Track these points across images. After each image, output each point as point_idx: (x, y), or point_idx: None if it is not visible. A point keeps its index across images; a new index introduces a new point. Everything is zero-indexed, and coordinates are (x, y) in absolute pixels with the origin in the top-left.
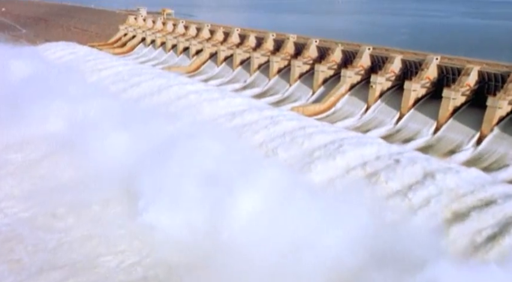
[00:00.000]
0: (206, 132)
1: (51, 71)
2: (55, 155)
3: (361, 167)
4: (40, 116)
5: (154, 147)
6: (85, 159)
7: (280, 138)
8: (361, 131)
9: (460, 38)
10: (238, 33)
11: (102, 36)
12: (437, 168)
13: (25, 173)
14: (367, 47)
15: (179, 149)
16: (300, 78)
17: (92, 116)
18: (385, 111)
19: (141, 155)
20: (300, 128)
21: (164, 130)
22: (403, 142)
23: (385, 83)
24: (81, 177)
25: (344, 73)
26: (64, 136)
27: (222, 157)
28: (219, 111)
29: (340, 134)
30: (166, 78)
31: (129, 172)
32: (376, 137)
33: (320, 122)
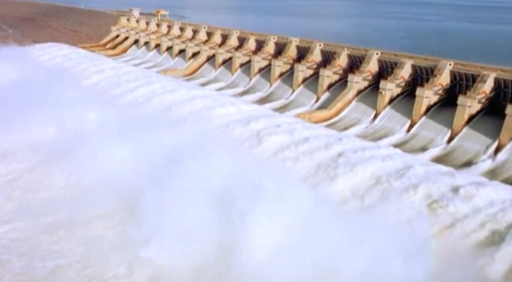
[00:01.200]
0: (213, 143)
1: (41, 74)
2: (44, 167)
3: (383, 179)
4: (28, 123)
5: (156, 159)
6: (79, 173)
7: (291, 148)
8: (370, 139)
9: (459, 42)
10: (237, 35)
11: (93, 37)
12: (464, 181)
13: (9, 188)
14: (375, 52)
15: (185, 162)
16: (303, 83)
17: (86, 124)
18: (395, 119)
19: (142, 169)
20: (312, 137)
21: (167, 140)
22: (416, 151)
23: (394, 89)
24: (74, 194)
25: (351, 78)
26: (55, 146)
27: (233, 172)
28: (224, 118)
29: (355, 143)
30: (165, 82)
31: (129, 189)
32: (388, 145)
33: (332, 130)
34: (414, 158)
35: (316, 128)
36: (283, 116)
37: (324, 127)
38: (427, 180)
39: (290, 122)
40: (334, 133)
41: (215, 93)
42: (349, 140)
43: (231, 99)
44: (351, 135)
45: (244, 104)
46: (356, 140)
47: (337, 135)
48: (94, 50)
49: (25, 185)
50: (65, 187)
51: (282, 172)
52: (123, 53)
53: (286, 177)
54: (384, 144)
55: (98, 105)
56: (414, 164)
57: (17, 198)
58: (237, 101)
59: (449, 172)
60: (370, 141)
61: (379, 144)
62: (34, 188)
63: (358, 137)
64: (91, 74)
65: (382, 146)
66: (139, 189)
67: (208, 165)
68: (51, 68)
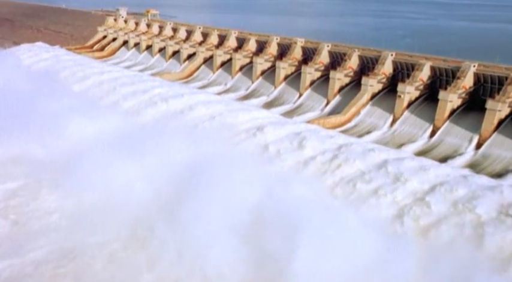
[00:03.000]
0: (233, 157)
1: (27, 79)
2: (38, 186)
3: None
4: (17, 135)
5: (169, 178)
6: (80, 193)
7: (316, 160)
8: (391, 146)
9: (451, 40)
10: (236, 36)
11: (78, 38)
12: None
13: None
14: (390, 53)
15: (203, 182)
16: (311, 86)
17: (82, 136)
18: (415, 124)
19: (154, 189)
20: (337, 148)
21: (180, 153)
22: (442, 160)
23: (413, 92)
24: (74, 217)
25: (365, 81)
26: (50, 161)
27: (260, 193)
28: (235, 127)
29: (389, 153)
30: (165, 87)
31: (138, 213)
32: (410, 153)
33: (357, 138)
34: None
35: (340, 136)
36: (301, 124)
37: (344, 134)
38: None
39: (309, 130)
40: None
41: (222, 99)
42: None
43: (240, 105)
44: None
45: (257, 110)
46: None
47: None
48: (80, 52)
49: (15, 207)
50: (62, 210)
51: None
52: (111, 55)
53: (330, 203)
54: (408, 152)
55: (94, 114)
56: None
57: (4, 220)
58: (247, 107)
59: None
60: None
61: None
62: (25, 210)
63: (376, 143)
64: (82, 79)
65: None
66: (151, 214)
67: (232, 186)
68: (38, 71)
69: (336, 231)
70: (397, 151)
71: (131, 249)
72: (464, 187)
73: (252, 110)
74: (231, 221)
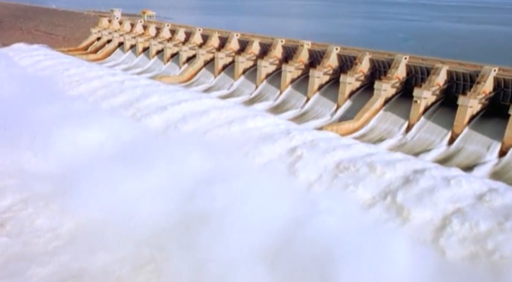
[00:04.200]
0: (250, 170)
1: (18, 83)
2: (33, 203)
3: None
4: (7, 145)
5: (179, 193)
6: (79, 210)
7: (339, 172)
8: (408, 153)
9: (455, 42)
10: (238, 38)
11: (70, 40)
12: None
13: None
14: (404, 57)
15: (219, 199)
16: (319, 90)
17: (83, 144)
18: (432, 130)
19: (162, 206)
20: (360, 157)
21: (195, 167)
22: (464, 168)
23: (430, 97)
24: (73, 237)
25: (378, 86)
26: (45, 175)
27: (285, 212)
28: (249, 134)
29: (418, 163)
30: (169, 91)
31: (144, 233)
32: (430, 161)
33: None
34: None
35: (358, 145)
36: (314, 131)
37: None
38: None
39: (325, 138)
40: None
41: (229, 104)
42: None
43: (250, 111)
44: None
45: (269, 117)
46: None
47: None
48: (74, 54)
49: (11, 227)
50: (53, 232)
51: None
52: (106, 58)
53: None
54: (427, 160)
55: (94, 121)
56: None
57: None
58: (258, 113)
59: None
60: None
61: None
62: (14, 234)
63: (390, 150)
64: (78, 82)
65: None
66: (164, 236)
67: (253, 203)
68: (28, 75)
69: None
70: (423, 161)
71: (142, 274)
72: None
73: (263, 116)
74: (253, 244)
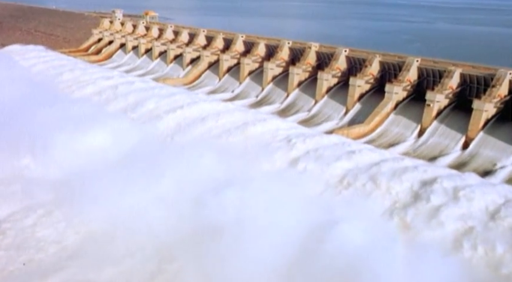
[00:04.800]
0: (265, 177)
1: (19, 85)
2: (35, 212)
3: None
4: (8, 150)
5: (191, 201)
6: (84, 220)
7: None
8: (421, 158)
9: (461, 45)
10: (243, 40)
11: (71, 41)
12: None
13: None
14: (415, 59)
15: (233, 208)
16: (327, 93)
17: (89, 149)
18: (445, 134)
19: (173, 215)
20: (380, 161)
21: (207, 173)
22: (482, 174)
23: (443, 101)
24: (78, 249)
25: (389, 89)
26: (49, 183)
27: (304, 223)
28: (257, 139)
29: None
30: (176, 93)
31: (158, 246)
32: (445, 166)
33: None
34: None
35: (381, 151)
36: (328, 135)
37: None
38: None
39: (338, 142)
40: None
41: (237, 106)
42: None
43: (261, 115)
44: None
45: (280, 120)
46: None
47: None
48: (75, 55)
49: (13, 237)
50: (58, 243)
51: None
52: (108, 59)
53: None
54: (442, 166)
55: (99, 124)
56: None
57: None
58: (268, 117)
59: None
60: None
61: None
62: (15, 246)
63: (403, 154)
64: (82, 84)
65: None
66: (166, 250)
67: (269, 212)
68: (29, 77)
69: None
70: (443, 168)
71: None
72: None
73: (272, 119)
74: (270, 257)
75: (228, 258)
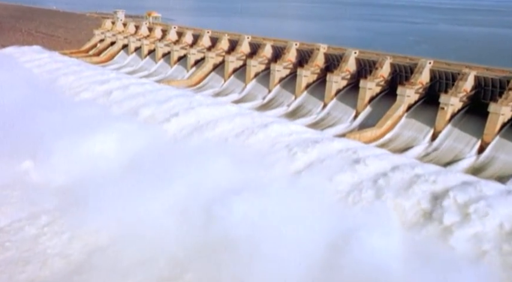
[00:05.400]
0: (283, 183)
1: (21, 86)
2: (37, 222)
3: None
4: (9, 154)
5: (204, 210)
6: (90, 230)
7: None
8: (435, 163)
9: (469, 46)
10: (249, 41)
11: (72, 42)
12: None
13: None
14: (428, 61)
15: (251, 217)
16: (336, 95)
17: (95, 153)
18: (460, 138)
19: (184, 224)
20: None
21: (220, 179)
22: (498, 179)
23: (457, 104)
24: (85, 261)
25: (401, 91)
26: (51, 189)
27: (328, 232)
28: (269, 143)
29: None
30: (183, 95)
31: (168, 260)
32: (461, 172)
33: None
34: None
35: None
36: (341, 140)
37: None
38: None
39: (352, 148)
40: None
41: (248, 109)
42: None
43: (272, 118)
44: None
45: (292, 124)
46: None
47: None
48: (77, 56)
49: (15, 248)
50: (63, 256)
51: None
52: (109, 60)
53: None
54: (457, 171)
55: (105, 127)
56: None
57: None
58: (280, 120)
59: None
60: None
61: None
62: (19, 260)
63: (418, 159)
64: (86, 86)
65: None
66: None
67: (290, 222)
68: (31, 79)
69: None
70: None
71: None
72: None
73: (283, 123)
74: (293, 270)
75: (242, 275)
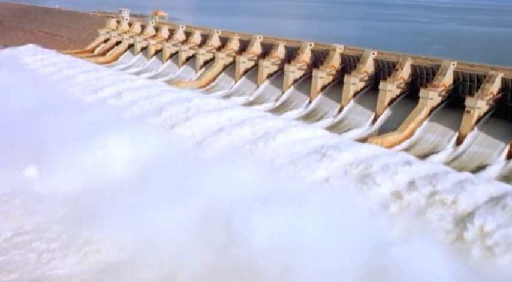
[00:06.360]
0: (315, 195)
1: (25, 89)
2: (42, 237)
3: None
4: (13, 160)
5: (231, 229)
6: (101, 246)
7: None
8: (461, 169)
9: (483, 47)
10: (261, 41)
11: (76, 42)
12: None
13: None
14: (452, 63)
15: (276, 236)
16: (353, 97)
17: (106, 160)
18: (486, 143)
19: (211, 245)
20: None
21: (244, 192)
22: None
23: (483, 107)
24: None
25: (424, 94)
26: (58, 200)
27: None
28: (292, 149)
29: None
30: (197, 97)
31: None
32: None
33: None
34: None
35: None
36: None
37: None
38: None
39: (377, 155)
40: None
41: (267, 113)
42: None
43: (286, 121)
44: None
45: (313, 128)
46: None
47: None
48: (81, 56)
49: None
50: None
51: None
52: (115, 60)
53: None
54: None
55: (117, 131)
56: None
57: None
58: (300, 124)
59: None
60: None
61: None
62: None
63: (445, 164)
64: (94, 88)
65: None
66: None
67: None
68: (35, 80)
69: None
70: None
71: None
72: None
73: (303, 127)
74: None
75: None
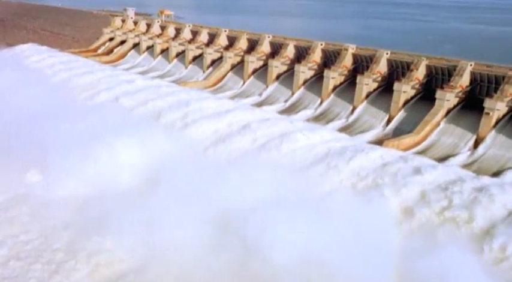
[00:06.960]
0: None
1: (28, 88)
2: (48, 249)
3: None
4: (16, 164)
5: (252, 242)
6: (111, 258)
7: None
8: (480, 173)
9: (496, 46)
10: (270, 41)
11: (80, 40)
12: None
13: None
14: (469, 63)
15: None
16: (366, 98)
17: (113, 166)
18: (506, 146)
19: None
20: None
21: (262, 200)
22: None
23: (503, 109)
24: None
25: (441, 95)
26: (67, 205)
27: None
28: (310, 153)
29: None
30: (209, 98)
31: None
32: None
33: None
34: None
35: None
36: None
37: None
38: None
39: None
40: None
41: (274, 115)
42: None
43: (301, 124)
44: None
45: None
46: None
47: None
48: (85, 55)
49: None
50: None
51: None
52: (120, 60)
53: None
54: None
55: (127, 133)
56: None
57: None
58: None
59: None
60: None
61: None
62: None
63: (463, 168)
64: (101, 89)
65: None
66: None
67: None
68: (40, 80)
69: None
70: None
71: None
72: None
73: (316, 128)
74: None
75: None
